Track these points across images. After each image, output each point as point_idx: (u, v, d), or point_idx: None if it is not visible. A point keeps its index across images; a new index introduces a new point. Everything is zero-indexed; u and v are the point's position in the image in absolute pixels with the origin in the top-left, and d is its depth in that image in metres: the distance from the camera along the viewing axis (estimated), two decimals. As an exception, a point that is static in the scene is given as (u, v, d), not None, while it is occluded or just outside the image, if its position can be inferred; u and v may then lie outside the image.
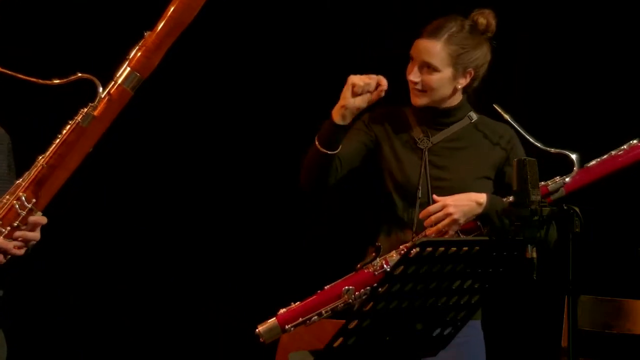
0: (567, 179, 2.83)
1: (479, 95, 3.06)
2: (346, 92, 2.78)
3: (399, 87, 3.11)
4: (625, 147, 2.89)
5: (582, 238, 2.25)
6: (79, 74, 2.35)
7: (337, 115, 2.79)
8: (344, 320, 2.25)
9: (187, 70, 4.16)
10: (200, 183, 4.27)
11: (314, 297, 2.78)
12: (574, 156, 2.84)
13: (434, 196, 2.83)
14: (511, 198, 2.80)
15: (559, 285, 2.30)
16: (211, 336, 4.28)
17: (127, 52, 2.36)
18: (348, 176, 3.02)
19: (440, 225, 2.77)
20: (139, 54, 2.37)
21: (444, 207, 2.78)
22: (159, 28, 2.36)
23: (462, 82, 2.95)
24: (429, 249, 2.14)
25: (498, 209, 2.79)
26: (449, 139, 2.97)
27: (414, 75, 2.91)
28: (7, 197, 2.36)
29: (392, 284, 2.16)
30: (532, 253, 2.24)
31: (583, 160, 2.90)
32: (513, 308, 3.89)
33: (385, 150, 2.98)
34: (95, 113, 2.35)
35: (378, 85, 2.78)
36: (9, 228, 2.34)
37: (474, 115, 3.01)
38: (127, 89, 2.36)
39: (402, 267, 2.14)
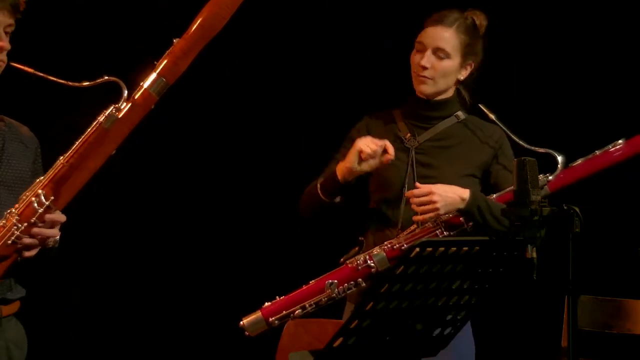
0: (550, 177, 2.87)
1: (473, 96, 3.07)
2: (352, 156, 2.83)
3: (392, 88, 3.14)
4: (610, 147, 2.91)
5: (582, 238, 2.25)
6: (106, 77, 2.38)
7: (341, 174, 2.86)
8: (344, 321, 2.26)
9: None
10: (189, 181, 4.27)
11: (298, 291, 2.82)
12: (558, 156, 2.88)
13: (417, 184, 2.86)
14: (494, 196, 2.85)
15: (559, 285, 2.30)
16: (211, 337, 4.28)
17: (155, 59, 2.41)
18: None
19: (421, 209, 2.81)
20: (167, 60, 2.41)
21: (429, 193, 2.82)
22: (188, 36, 2.41)
23: (463, 74, 3.01)
24: (429, 249, 2.14)
25: (481, 205, 2.82)
26: (436, 137, 3.00)
27: (426, 60, 2.94)
28: (27, 193, 2.38)
29: (392, 284, 2.16)
30: (532, 253, 2.24)
31: (572, 160, 2.92)
32: (513, 308, 3.89)
33: None
34: (119, 115, 2.37)
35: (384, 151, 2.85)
36: (26, 224, 2.35)
37: (462, 115, 3.05)
38: (153, 93, 2.39)
39: (402, 267, 2.14)
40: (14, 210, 2.37)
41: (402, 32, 3.13)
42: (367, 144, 2.81)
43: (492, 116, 2.97)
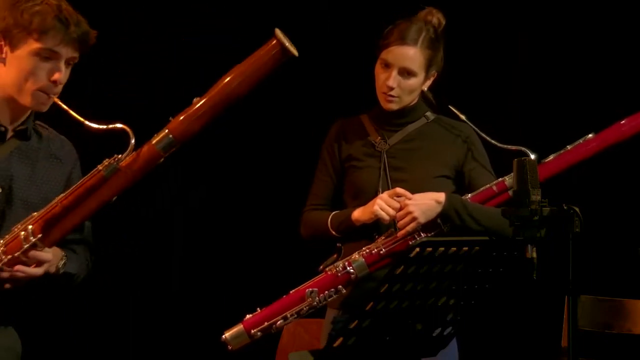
0: None
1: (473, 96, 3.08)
2: (371, 215, 2.83)
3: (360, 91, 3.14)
4: (581, 141, 2.92)
5: (582, 238, 2.25)
6: (119, 125, 2.35)
7: (357, 219, 2.87)
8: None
9: (186, 71, 4.17)
10: (168, 196, 4.27)
11: (279, 301, 2.79)
12: (531, 153, 2.89)
13: (397, 189, 2.85)
14: (469, 196, 2.85)
15: (559, 285, 2.30)
16: (211, 337, 4.28)
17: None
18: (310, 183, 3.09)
19: (400, 223, 2.81)
20: (180, 119, 2.35)
21: (404, 206, 2.82)
22: (205, 100, 2.35)
23: (427, 84, 3.01)
24: (429, 249, 2.14)
25: (457, 207, 2.82)
26: (406, 139, 3.00)
27: (392, 81, 2.92)
28: (19, 226, 2.37)
29: (392, 284, 2.16)
30: (532, 253, 2.24)
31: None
32: (513, 308, 3.89)
33: (347, 161, 3.02)
34: (121, 165, 2.34)
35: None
36: (10, 256, 2.35)
37: (431, 115, 3.05)
38: (159, 149, 2.35)
39: (402, 267, 2.14)
40: (1, 241, 2.37)
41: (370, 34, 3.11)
42: (386, 212, 2.81)
43: (462, 117, 2.98)
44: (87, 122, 2.38)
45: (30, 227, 2.35)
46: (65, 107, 2.44)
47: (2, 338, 2.55)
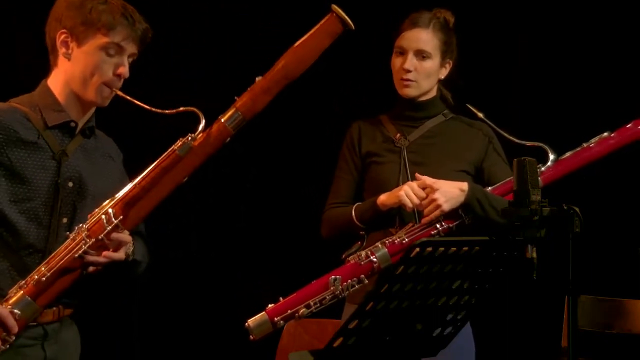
0: (542, 168, 2.91)
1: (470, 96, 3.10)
2: (396, 199, 2.85)
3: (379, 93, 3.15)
4: (597, 138, 2.93)
5: (582, 238, 2.25)
6: (187, 107, 2.47)
7: (384, 204, 2.87)
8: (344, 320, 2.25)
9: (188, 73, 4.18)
10: (192, 183, 4.26)
11: (302, 289, 2.82)
12: (549, 149, 2.91)
13: (417, 174, 2.88)
14: (489, 189, 2.87)
15: (559, 285, 2.30)
16: (212, 338, 4.28)
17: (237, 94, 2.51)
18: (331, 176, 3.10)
19: (426, 210, 2.83)
20: (246, 96, 2.50)
21: (429, 188, 2.84)
22: (269, 76, 2.50)
23: (443, 73, 3.05)
24: (429, 249, 2.14)
25: (479, 196, 2.84)
26: (425, 135, 3.04)
27: (409, 64, 2.97)
28: (97, 210, 2.47)
29: (392, 284, 2.16)
30: (532, 253, 2.24)
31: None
32: (513, 308, 3.89)
33: (367, 157, 3.05)
34: (194, 144, 2.47)
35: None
36: (93, 240, 2.43)
37: (449, 114, 3.09)
38: (229, 127, 2.49)
39: (402, 267, 2.14)
40: (84, 226, 2.45)
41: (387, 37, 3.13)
42: (411, 199, 2.83)
43: (480, 115, 3.02)
44: (154, 109, 2.50)
45: (110, 210, 2.44)
46: (129, 97, 2.54)
47: (69, 332, 2.63)
